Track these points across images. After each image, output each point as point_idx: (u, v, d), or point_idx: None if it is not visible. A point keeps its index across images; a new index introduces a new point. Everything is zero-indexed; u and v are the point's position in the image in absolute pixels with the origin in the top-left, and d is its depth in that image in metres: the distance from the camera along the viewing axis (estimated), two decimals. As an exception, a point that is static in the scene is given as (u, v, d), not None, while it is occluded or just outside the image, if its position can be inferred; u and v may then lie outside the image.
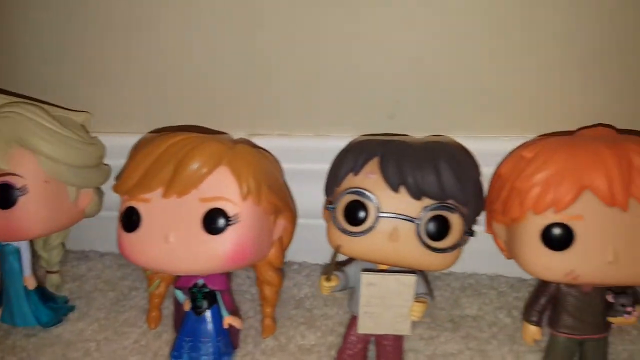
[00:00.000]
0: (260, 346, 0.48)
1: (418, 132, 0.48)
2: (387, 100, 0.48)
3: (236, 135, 0.51)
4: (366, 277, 0.40)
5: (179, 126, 0.50)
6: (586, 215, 0.38)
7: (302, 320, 0.51)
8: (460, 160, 0.41)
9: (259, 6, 0.46)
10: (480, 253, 0.47)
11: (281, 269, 0.48)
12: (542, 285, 0.43)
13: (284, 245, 0.47)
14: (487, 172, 0.45)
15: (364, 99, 0.48)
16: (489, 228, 0.44)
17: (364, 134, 0.49)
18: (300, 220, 0.50)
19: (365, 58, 0.47)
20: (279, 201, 0.44)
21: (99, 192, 0.52)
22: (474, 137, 0.47)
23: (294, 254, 0.56)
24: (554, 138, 0.41)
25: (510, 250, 0.42)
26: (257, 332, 0.49)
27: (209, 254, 0.41)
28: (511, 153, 0.43)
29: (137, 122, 0.51)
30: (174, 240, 0.41)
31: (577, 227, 0.38)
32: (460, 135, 0.47)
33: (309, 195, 0.50)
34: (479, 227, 0.45)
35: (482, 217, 0.45)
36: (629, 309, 0.39)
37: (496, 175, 0.43)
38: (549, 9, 0.43)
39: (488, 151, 0.45)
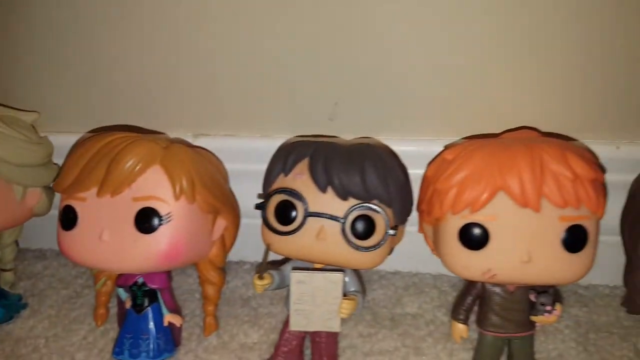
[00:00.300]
0: (203, 344, 0.49)
1: (357, 133, 0.50)
2: (327, 103, 0.49)
3: (182, 135, 0.52)
4: (295, 275, 0.41)
5: (115, 126, 0.52)
6: (500, 216, 0.39)
7: (246, 318, 0.52)
8: (386, 162, 0.42)
9: (202, 6, 0.47)
10: (425, 253, 0.49)
11: (223, 269, 0.49)
12: (469, 285, 0.44)
13: (226, 244, 0.48)
14: (419, 174, 0.46)
15: (305, 100, 0.49)
16: (420, 228, 0.46)
17: (307, 135, 0.50)
18: (250, 221, 0.51)
19: (306, 61, 0.48)
20: (217, 201, 0.45)
21: (48, 191, 0.52)
22: (406, 140, 0.48)
23: (245, 254, 0.58)
24: (476, 141, 0.42)
25: (436, 249, 0.43)
26: (203, 331, 0.50)
27: (142, 253, 0.42)
28: (438, 155, 0.44)
29: (85, 122, 0.52)
30: (108, 239, 0.42)
31: (491, 227, 0.39)
32: (394, 138, 0.48)
33: (254, 196, 0.51)
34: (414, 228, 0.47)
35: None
36: (548, 307, 0.40)
37: (423, 177, 0.44)
38: (475, 9, 0.44)
39: (419, 153, 0.46)
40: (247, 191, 0.51)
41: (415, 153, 0.48)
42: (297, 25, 0.47)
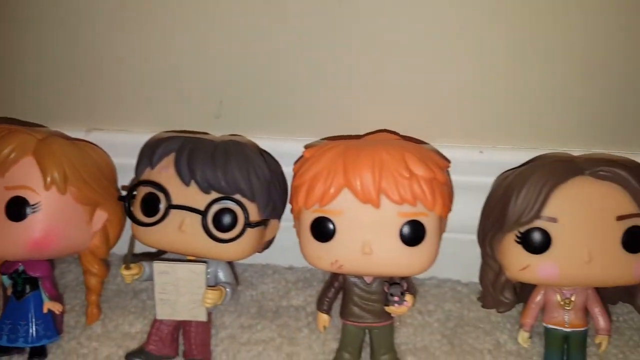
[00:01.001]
0: (87, 332, 0.51)
1: (242, 131, 0.52)
2: (213, 101, 0.51)
3: (76, 130, 0.53)
4: (158, 266, 0.43)
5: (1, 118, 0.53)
6: (345, 211, 0.42)
7: (133, 310, 0.53)
8: (250, 158, 0.45)
9: (89, 4, 0.49)
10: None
11: (106, 261, 0.51)
12: (332, 278, 0.47)
13: (109, 237, 0.50)
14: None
15: (193, 98, 0.52)
16: (295, 223, 0.48)
17: (196, 131, 0.53)
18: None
19: (194, 58, 0.50)
20: (94, 193, 0.47)
21: None
22: (288, 139, 0.51)
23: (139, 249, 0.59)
24: (332, 141, 0.44)
25: (300, 242, 0.46)
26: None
27: (12, 241, 0.44)
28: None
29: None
30: (-19, 228, 0.43)
31: (337, 221, 0.42)
32: (275, 137, 0.51)
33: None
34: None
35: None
36: (396, 298, 0.43)
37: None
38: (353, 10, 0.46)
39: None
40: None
41: (297, 152, 0.50)
42: (184, 25, 0.49)
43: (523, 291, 0.47)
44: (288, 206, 0.48)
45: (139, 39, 0.50)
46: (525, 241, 0.42)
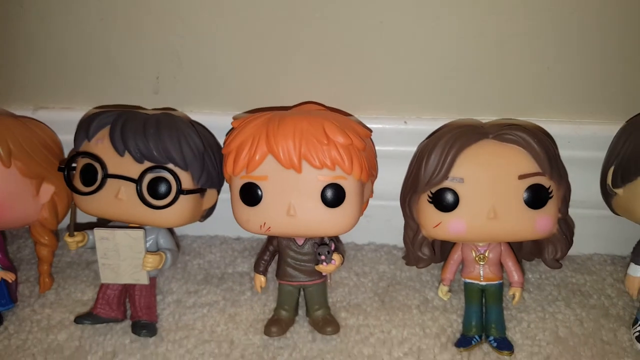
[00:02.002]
0: (40, 300, 0.54)
1: (180, 107, 0.55)
2: (151, 77, 0.53)
3: (23, 108, 0.55)
4: (98, 232, 0.46)
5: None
6: (270, 176, 0.44)
7: (85, 279, 0.56)
8: (182, 129, 0.47)
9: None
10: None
11: (55, 232, 0.53)
12: (267, 241, 0.50)
13: (57, 209, 0.52)
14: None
15: (131, 76, 0.54)
16: (232, 193, 0.51)
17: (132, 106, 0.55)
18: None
19: (127, 37, 0.52)
20: (39, 167, 0.49)
21: None
22: (216, 114, 0.53)
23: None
24: (259, 113, 0.47)
25: (233, 209, 0.49)
26: (39, 289, 0.54)
27: (-42, 212, 0.46)
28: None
29: None
30: None
31: (264, 186, 0.45)
32: (212, 112, 0.54)
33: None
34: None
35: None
36: (323, 257, 0.46)
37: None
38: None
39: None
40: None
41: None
42: (121, 3, 0.50)
43: (444, 250, 0.51)
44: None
45: (79, 18, 0.51)
46: (436, 200, 0.46)
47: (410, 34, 0.50)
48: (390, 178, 0.52)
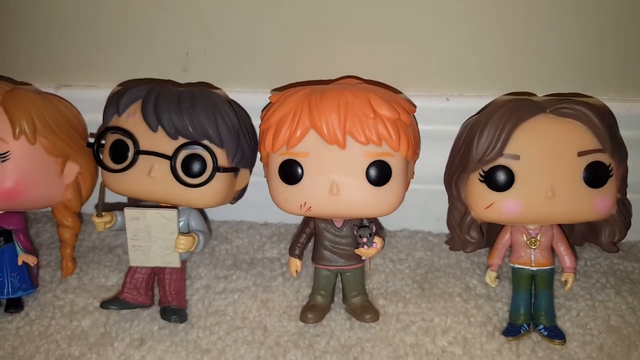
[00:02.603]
0: (62, 285, 0.51)
1: (209, 85, 0.52)
2: (180, 54, 0.51)
3: (45, 86, 0.53)
4: (128, 212, 0.44)
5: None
6: (312, 153, 0.42)
7: (109, 264, 0.54)
8: (218, 105, 0.45)
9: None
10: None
11: (79, 214, 0.51)
12: (303, 224, 0.47)
13: (81, 190, 0.50)
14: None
15: (160, 52, 0.51)
16: (264, 171, 0.48)
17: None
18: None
19: (157, 13, 0.49)
20: (64, 145, 0.47)
21: None
22: (247, 92, 0.51)
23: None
24: (298, 87, 0.44)
25: (270, 188, 0.46)
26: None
27: (-19, 190, 0.44)
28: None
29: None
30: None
31: (305, 163, 0.42)
32: (244, 90, 0.51)
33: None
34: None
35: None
36: (365, 240, 0.44)
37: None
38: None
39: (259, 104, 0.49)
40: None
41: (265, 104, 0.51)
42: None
43: (490, 235, 0.49)
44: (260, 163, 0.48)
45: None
46: (488, 179, 0.43)
47: (453, 10, 0.47)
48: (427, 160, 0.50)
